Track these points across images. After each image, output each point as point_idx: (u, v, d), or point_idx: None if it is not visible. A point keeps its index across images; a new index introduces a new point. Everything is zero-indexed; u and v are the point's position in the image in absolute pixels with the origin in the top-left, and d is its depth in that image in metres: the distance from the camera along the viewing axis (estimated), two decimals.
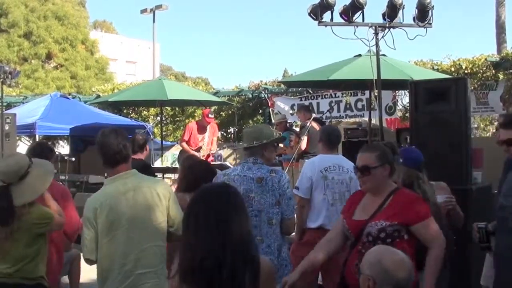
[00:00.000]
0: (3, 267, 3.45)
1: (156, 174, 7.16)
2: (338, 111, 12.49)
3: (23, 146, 12.76)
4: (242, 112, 14.25)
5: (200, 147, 9.51)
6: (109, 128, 3.51)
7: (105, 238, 3.22)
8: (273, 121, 12.94)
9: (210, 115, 9.60)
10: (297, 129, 10.27)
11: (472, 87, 9.97)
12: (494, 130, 13.48)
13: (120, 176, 3.34)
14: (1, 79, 8.80)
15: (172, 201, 3.38)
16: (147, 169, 5.44)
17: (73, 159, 10.97)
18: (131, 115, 14.92)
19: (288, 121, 11.06)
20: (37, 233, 3.52)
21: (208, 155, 9.55)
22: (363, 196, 3.26)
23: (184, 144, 9.56)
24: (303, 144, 8.57)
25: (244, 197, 3.60)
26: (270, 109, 13.43)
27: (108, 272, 3.22)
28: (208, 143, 9.62)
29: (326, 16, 6.26)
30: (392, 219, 3.03)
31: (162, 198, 3.33)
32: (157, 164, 12.45)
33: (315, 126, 8.58)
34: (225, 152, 13.19)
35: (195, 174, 4.15)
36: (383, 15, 6.37)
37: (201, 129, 9.61)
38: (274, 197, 3.75)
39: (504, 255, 3.18)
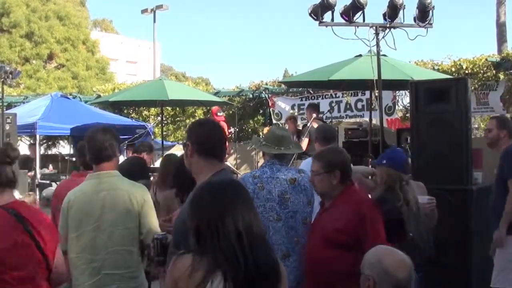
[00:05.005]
0: None
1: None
2: (339, 111, 12.50)
3: (23, 146, 12.77)
4: (243, 112, 14.23)
5: None
6: (99, 125, 3.53)
7: (74, 233, 3.25)
8: (273, 121, 12.94)
9: (219, 114, 9.34)
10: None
11: (472, 88, 9.96)
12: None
13: (99, 175, 3.33)
14: (2, 79, 8.81)
15: (146, 208, 3.31)
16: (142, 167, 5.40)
17: (74, 159, 10.98)
18: (132, 115, 14.91)
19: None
20: None
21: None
22: None
23: None
24: (304, 145, 8.54)
25: (279, 199, 3.60)
26: (271, 109, 13.42)
27: (76, 267, 3.25)
28: None
29: (327, 16, 6.27)
30: None
31: (134, 203, 3.27)
32: (158, 164, 12.42)
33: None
34: None
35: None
36: (384, 15, 6.37)
37: None
38: (306, 197, 3.73)
39: None
